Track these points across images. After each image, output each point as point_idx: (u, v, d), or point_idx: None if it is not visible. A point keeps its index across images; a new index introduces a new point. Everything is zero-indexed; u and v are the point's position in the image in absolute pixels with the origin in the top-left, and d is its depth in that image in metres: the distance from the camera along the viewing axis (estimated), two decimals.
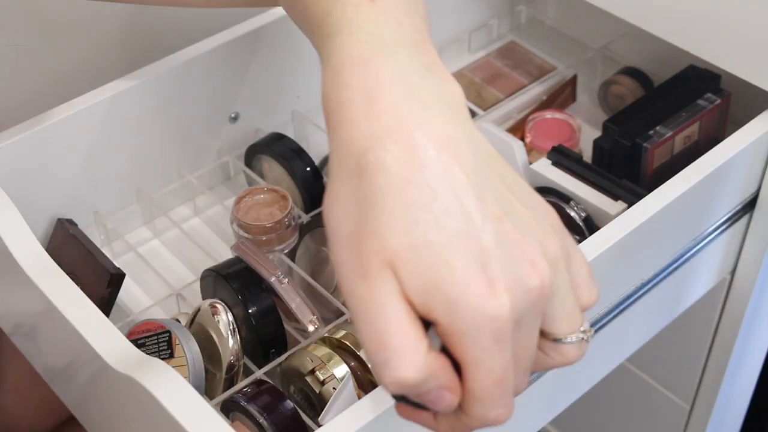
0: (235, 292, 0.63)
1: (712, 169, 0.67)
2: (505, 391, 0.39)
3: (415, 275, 0.38)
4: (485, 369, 0.38)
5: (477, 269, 0.38)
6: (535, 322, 0.40)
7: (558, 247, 0.40)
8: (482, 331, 0.38)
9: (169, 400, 0.50)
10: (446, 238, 0.38)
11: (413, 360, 0.38)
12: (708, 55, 0.74)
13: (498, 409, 0.40)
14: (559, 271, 0.40)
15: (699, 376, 0.91)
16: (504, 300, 0.38)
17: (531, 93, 0.91)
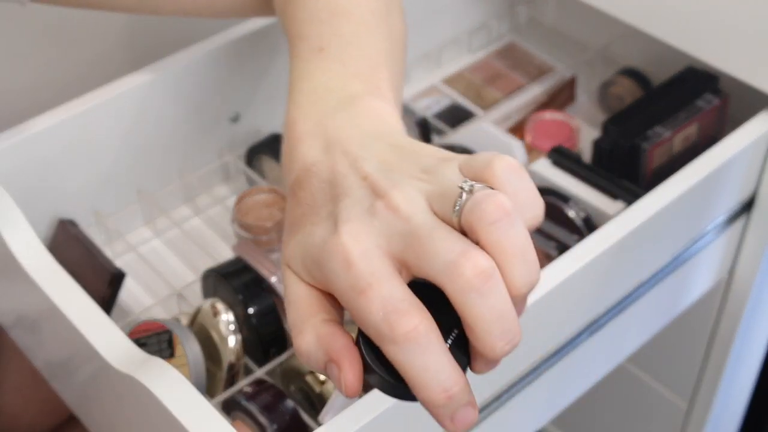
0: (235, 291, 0.63)
1: (711, 170, 0.67)
2: (374, 299, 0.39)
3: (293, 253, 0.44)
4: (358, 308, 0.40)
5: (330, 222, 0.42)
6: (392, 222, 0.41)
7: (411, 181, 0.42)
8: (341, 274, 0.40)
9: (170, 400, 0.50)
10: (310, 215, 0.44)
11: (303, 329, 0.42)
12: (706, 56, 0.74)
13: (387, 315, 0.39)
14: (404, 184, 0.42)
15: (697, 376, 0.91)
16: (343, 232, 0.40)
17: (530, 93, 0.91)
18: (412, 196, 0.41)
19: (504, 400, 0.61)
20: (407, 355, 0.38)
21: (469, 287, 0.38)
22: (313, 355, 0.41)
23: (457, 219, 0.39)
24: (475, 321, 0.38)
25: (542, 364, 0.63)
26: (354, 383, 0.40)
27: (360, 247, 0.40)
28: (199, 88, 0.77)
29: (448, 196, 0.40)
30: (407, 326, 0.38)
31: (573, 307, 0.63)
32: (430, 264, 0.39)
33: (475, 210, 0.39)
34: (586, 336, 0.65)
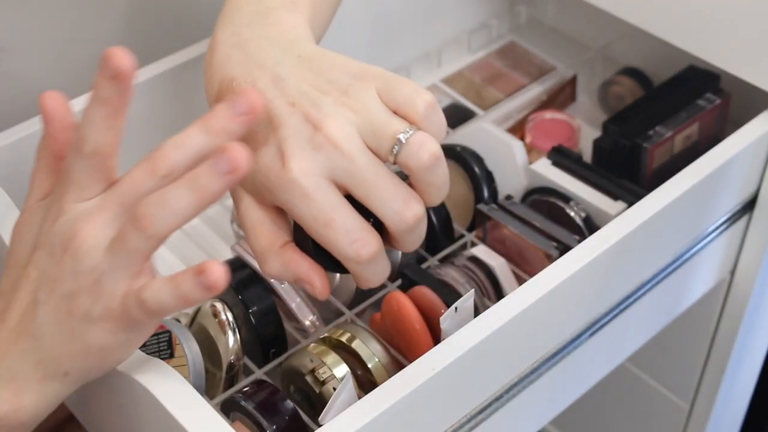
0: (235, 291, 0.63)
1: (712, 170, 0.67)
2: (340, 231, 0.47)
3: (262, 188, 0.49)
4: (325, 236, 0.48)
5: (273, 149, 0.48)
6: (336, 157, 0.48)
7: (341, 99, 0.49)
8: (301, 206, 0.47)
9: (169, 400, 0.50)
10: (250, 138, 0.49)
11: (267, 258, 0.50)
12: (708, 55, 0.74)
13: (352, 244, 0.48)
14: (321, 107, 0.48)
15: (699, 376, 0.91)
16: (293, 166, 0.47)
17: (531, 93, 0.91)
18: (348, 131, 0.48)
19: (504, 400, 0.61)
20: (366, 269, 0.49)
21: (409, 228, 0.49)
22: (284, 276, 0.50)
23: (393, 158, 0.48)
24: (405, 245, 0.50)
25: (543, 364, 0.63)
26: (325, 291, 0.50)
27: (313, 181, 0.47)
28: (199, 88, 0.76)
29: (380, 134, 0.48)
30: (369, 252, 0.48)
31: (574, 308, 0.63)
32: (377, 205, 0.48)
33: (411, 157, 0.48)
34: (587, 336, 0.65)
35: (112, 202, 0.46)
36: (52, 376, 0.48)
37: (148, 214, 0.44)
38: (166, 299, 0.45)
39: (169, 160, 0.45)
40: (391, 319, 0.62)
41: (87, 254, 0.45)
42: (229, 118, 0.45)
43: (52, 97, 0.50)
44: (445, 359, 0.53)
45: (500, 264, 0.68)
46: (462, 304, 0.58)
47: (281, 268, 0.50)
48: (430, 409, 0.55)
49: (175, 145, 0.46)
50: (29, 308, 0.47)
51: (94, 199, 0.47)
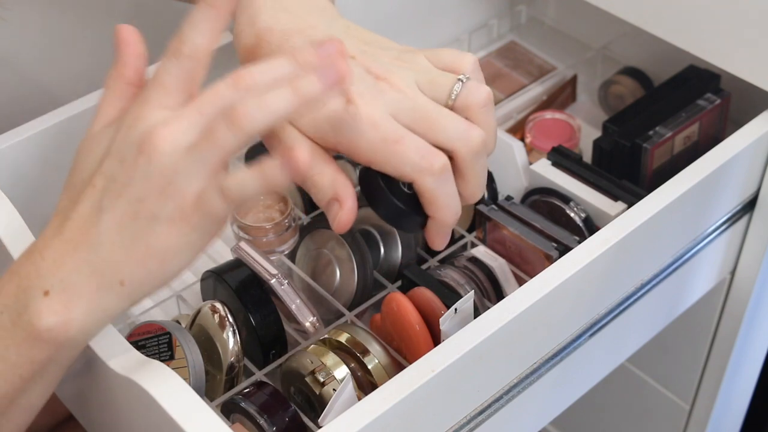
0: (235, 293, 0.63)
1: (712, 170, 0.67)
2: (410, 146, 0.51)
3: (299, 118, 0.53)
4: (394, 153, 0.52)
5: (339, 99, 0.52)
6: (400, 98, 0.53)
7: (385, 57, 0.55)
8: (369, 133, 0.51)
9: (169, 402, 0.50)
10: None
11: (320, 175, 0.53)
12: (708, 55, 0.74)
13: (424, 156, 0.51)
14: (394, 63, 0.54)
15: (699, 376, 0.91)
16: (361, 103, 0.52)
17: (531, 93, 0.91)
18: (409, 80, 0.53)
19: (504, 401, 0.61)
20: (441, 184, 0.52)
21: (476, 150, 0.53)
22: (324, 191, 0.52)
23: (452, 103, 0.53)
24: (471, 175, 0.53)
25: (543, 365, 0.63)
26: (348, 223, 0.52)
27: (380, 112, 0.52)
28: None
29: (437, 83, 0.53)
30: (442, 161, 0.52)
31: (574, 308, 0.63)
32: (444, 134, 0.52)
33: (471, 95, 0.53)
34: (587, 337, 0.65)
35: (193, 110, 0.47)
36: (108, 286, 0.47)
37: (245, 109, 0.45)
38: (250, 182, 0.46)
39: (254, 78, 0.46)
40: (391, 321, 0.62)
41: (164, 154, 0.45)
42: (315, 56, 0.47)
43: (126, 28, 0.51)
44: (445, 360, 0.53)
45: (500, 265, 0.68)
46: (462, 305, 0.58)
47: (329, 183, 0.52)
48: (430, 410, 0.55)
49: (262, 67, 0.47)
50: (91, 217, 0.47)
51: (174, 109, 0.48)
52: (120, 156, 0.47)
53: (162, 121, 0.46)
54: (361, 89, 0.52)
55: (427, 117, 0.52)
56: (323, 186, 0.52)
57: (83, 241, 0.47)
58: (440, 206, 0.53)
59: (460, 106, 0.53)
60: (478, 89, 0.53)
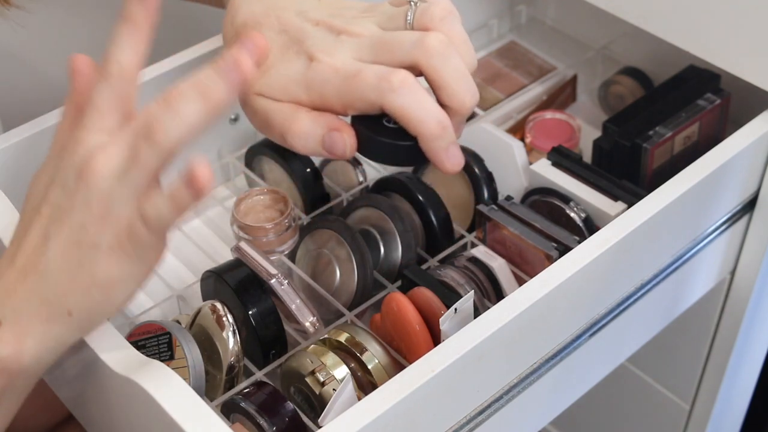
0: (235, 293, 0.63)
1: (712, 170, 0.67)
2: (368, 74, 0.53)
3: (270, 84, 0.57)
4: (355, 86, 0.53)
5: (302, 57, 0.55)
6: (359, 41, 0.55)
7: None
8: (332, 79, 0.54)
9: (168, 402, 0.50)
10: (280, 56, 0.56)
11: (295, 118, 0.56)
12: (708, 55, 0.74)
13: (382, 77, 0.53)
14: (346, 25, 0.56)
15: (699, 376, 0.91)
16: (322, 58, 0.54)
17: (531, 93, 0.91)
18: (368, 26, 0.55)
19: (504, 401, 0.61)
20: (406, 97, 0.52)
21: (435, 53, 0.52)
22: (313, 131, 0.54)
23: (410, 27, 0.54)
24: (446, 80, 0.52)
25: (543, 365, 0.63)
26: (354, 143, 0.54)
27: (342, 58, 0.54)
28: None
29: (396, 16, 0.55)
30: (399, 76, 0.52)
31: (574, 308, 0.63)
32: (401, 51, 0.52)
33: (426, 12, 0.53)
34: (587, 337, 0.65)
35: (127, 131, 0.47)
36: (57, 316, 0.48)
37: (157, 123, 0.45)
38: (164, 210, 0.46)
39: (179, 92, 0.46)
40: (391, 320, 0.62)
41: (100, 180, 0.46)
42: (238, 55, 0.47)
43: (80, 58, 0.54)
44: (444, 360, 0.53)
45: (500, 265, 0.68)
46: (462, 305, 0.58)
47: (312, 122, 0.54)
48: (430, 410, 0.55)
49: (190, 82, 0.47)
50: (39, 245, 0.48)
51: (111, 131, 0.48)
52: (62, 183, 0.48)
53: (99, 145, 0.47)
54: (322, 47, 0.54)
55: (383, 45, 0.53)
56: (308, 130, 0.55)
57: (32, 270, 0.48)
58: (415, 119, 0.53)
59: (419, 27, 0.54)
60: (431, 6, 0.54)
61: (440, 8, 0.54)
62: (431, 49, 0.52)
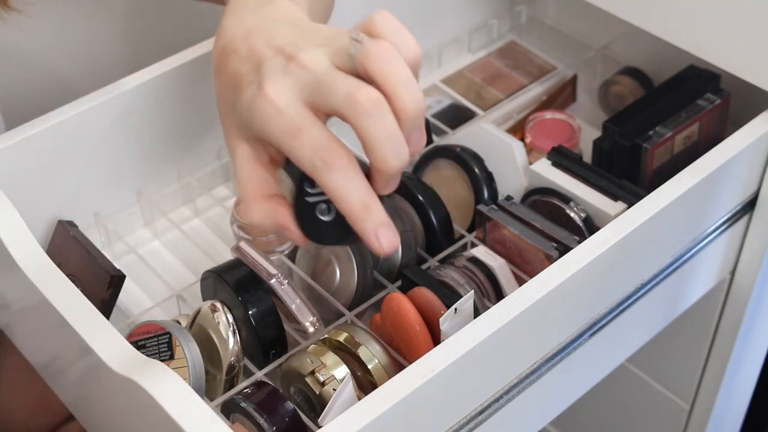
0: (235, 293, 0.63)
1: (712, 170, 0.67)
2: (305, 141, 0.50)
3: (240, 122, 0.54)
4: (293, 147, 0.51)
5: (254, 86, 0.52)
6: (304, 76, 0.51)
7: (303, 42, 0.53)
8: (272, 122, 0.51)
9: (168, 402, 0.50)
10: (239, 85, 0.54)
11: (251, 206, 0.54)
12: (708, 55, 0.74)
13: (317, 151, 0.50)
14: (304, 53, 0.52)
15: (699, 376, 0.91)
16: (266, 88, 0.51)
17: (531, 93, 0.91)
18: (317, 55, 0.51)
19: (504, 401, 0.61)
20: (337, 179, 0.49)
21: (364, 112, 0.49)
22: (263, 223, 0.54)
23: (352, 65, 0.50)
24: (372, 141, 0.49)
25: (543, 365, 0.63)
26: (301, 236, 0.54)
27: (283, 97, 0.50)
28: (199, 88, 0.76)
29: (341, 50, 0.51)
30: (333, 153, 0.49)
31: (574, 308, 0.63)
32: (332, 99, 0.49)
33: (362, 51, 0.50)
34: (587, 337, 0.65)
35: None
36: None
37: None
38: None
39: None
40: (391, 320, 0.62)
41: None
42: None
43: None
44: (444, 360, 0.53)
45: (500, 265, 0.68)
46: (462, 305, 0.58)
47: (264, 214, 0.54)
48: (430, 410, 0.55)
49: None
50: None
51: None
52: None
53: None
54: (269, 75, 0.52)
55: (321, 87, 0.50)
56: (260, 220, 0.55)
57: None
58: (342, 201, 0.50)
59: (360, 67, 0.50)
60: (373, 43, 0.49)
61: (379, 47, 0.49)
62: (360, 108, 0.49)
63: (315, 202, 0.53)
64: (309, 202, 0.53)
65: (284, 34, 0.54)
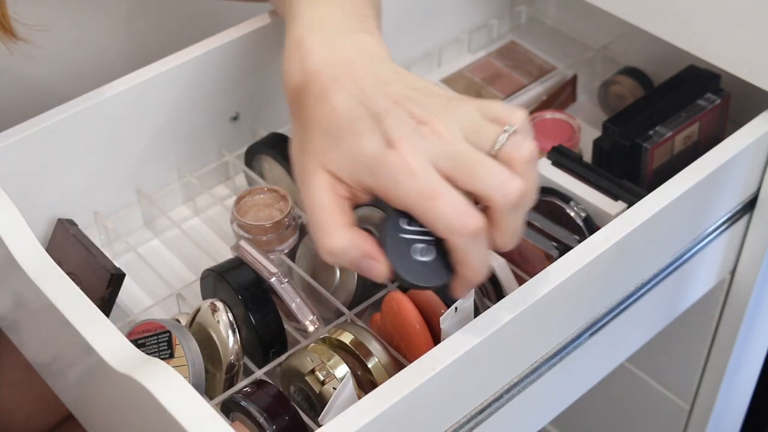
0: (235, 292, 0.63)
1: (712, 169, 0.67)
2: (446, 204, 0.50)
3: (339, 161, 0.52)
4: (431, 209, 0.50)
5: (377, 137, 0.51)
6: (440, 144, 0.51)
7: (441, 104, 0.53)
8: (407, 183, 0.50)
9: (169, 400, 0.50)
10: (351, 128, 0.52)
11: (333, 232, 0.51)
12: (708, 55, 0.74)
13: (459, 215, 0.50)
14: (445, 111, 0.52)
15: (699, 376, 0.91)
16: (401, 148, 0.50)
17: (531, 93, 0.91)
18: (451, 126, 0.51)
19: (504, 401, 0.61)
20: (473, 245, 0.50)
21: (514, 203, 0.51)
22: (348, 252, 0.51)
23: (495, 152, 0.51)
24: (504, 229, 0.52)
25: (543, 364, 0.63)
26: (387, 270, 0.51)
27: (420, 160, 0.50)
28: (199, 87, 0.76)
29: (483, 131, 0.51)
30: (477, 223, 0.50)
31: (574, 308, 0.63)
32: (483, 183, 0.50)
33: (515, 147, 0.51)
34: (587, 336, 0.65)
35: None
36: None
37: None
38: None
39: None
40: (391, 319, 0.62)
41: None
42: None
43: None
44: (445, 359, 0.53)
45: (500, 264, 0.68)
46: (462, 304, 0.58)
47: (349, 241, 0.51)
48: (430, 409, 0.55)
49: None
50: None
51: None
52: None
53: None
54: (401, 133, 0.51)
55: (466, 164, 0.50)
56: (342, 248, 0.52)
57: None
58: (469, 266, 0.51)
59: (504, 157, 0.51)
60: (524, 142, 0.51)
61: (531, 149, 0.51)
62: (512, 198, 0.50)
63: (411, 240, 0.52)
64: (404, 239, 0.51)
65: (394, 81, 0.54)
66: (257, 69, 0.79)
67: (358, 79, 0.54)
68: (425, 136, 0.51)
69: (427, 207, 0.50)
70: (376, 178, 0.51)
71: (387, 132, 0.51)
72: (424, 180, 0.50)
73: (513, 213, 0.51)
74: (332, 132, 0.53)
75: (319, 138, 0.53)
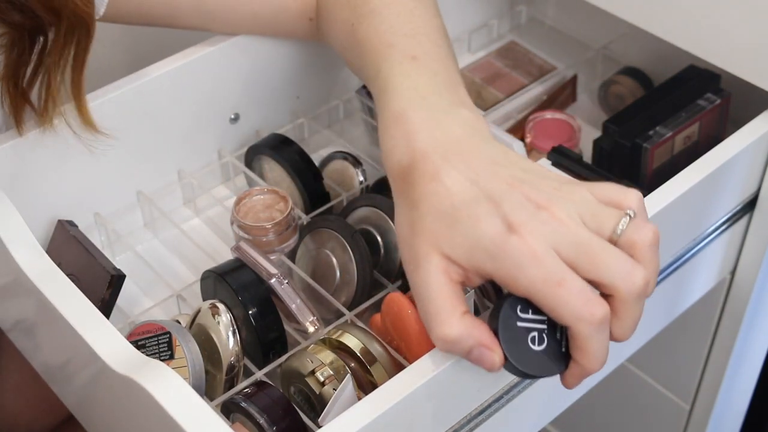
0: (235, 293, 0.63)
1: (712, 169, 0.67)
2: (573, 290, 0.48)
3: (455, 245, 0.50)
4: (556, 296, 0.48)
5: (497, 220, 0.49)
6: (562, 231, 0.49)
7: (562, 185, 0.52)
8: (530, 268, 0.48)
9: (169, 402, 0.50)
10: (468, 210, 0.50)
11: (449, 320, 0.49)
12: (708, 55, 0.74)
13: (587, 303, 0.48)
14: (563, 192, 0.51)
15: (699, 376, 0.91)
16: (523, 233, 0.49)
17: (531, 93, 0.91)
18: (571, 212, 0.50)
19: (504, 401, 0.61)
20: (597, 333, 0.49)
21: (638, 293, 0.49)
22: (463, 341, 0.50)
23: (617, 238, 0.50)
24: (632, 315, 0.50)
25: None
26: (501, 360, 0.50)
27: (543, 246, 0.49)
28: (199, 88, 0.76)
29: (601, 216, 0.50)
30: (603, 311, 0.49)
31: None
32: (608, 272, 0.49)
33: (637, 232, 0.50)
34: None
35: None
36: None
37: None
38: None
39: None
40: (391, 320, 0.62)
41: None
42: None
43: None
44: (445, 360, 0.53)
45: None
46: None
47: (464, 330, 0.49)
48: (431, 410, 0.55)
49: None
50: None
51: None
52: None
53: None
54: (522, 218, 0.49)
55: (590, 252, 0.49)
56: (457, 337, 0.50)
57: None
58: (590, 355, 0.50)
59: (625, 243, 0.50)
60: (645, 226, 0.50)
61: (653, 233, 0.50)
62: (636, 288, 0.49)
63: (528, 329, 0.50)
64: (521, 327, 0.50)
65: (505, 162, 0.53)
66: (257, 69, 0.79)
67: (469, 160, 0.52)
68: (546, 222, 0.49)
69: (553, 294, 0.48)
70: (497, 263, 0.49)
71: (507, 216, 0.49)
72: (550, 266, 0.48)
73: (636, 303, 0.50)
74: (447, 214, 0.51)
75: (433, 220, 0.51)
